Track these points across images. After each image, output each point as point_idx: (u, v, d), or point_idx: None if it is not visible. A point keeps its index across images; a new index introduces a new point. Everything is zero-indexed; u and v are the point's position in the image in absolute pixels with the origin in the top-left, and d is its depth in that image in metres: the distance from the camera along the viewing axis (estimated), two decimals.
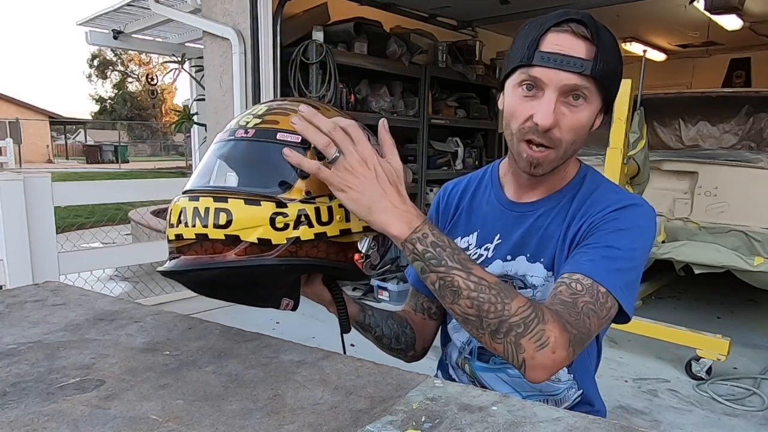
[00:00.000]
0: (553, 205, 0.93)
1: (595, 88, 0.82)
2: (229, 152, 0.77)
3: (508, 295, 0.71)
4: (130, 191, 3.74)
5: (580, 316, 0.74)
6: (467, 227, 1.01)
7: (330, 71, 3.71)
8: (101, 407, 0.60)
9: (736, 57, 6.74)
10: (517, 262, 0.94)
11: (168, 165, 20.83)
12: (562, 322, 0.71)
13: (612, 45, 0.83)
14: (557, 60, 0.80)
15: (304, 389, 0.65)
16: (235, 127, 0.77)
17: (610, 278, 0.78)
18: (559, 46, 0.81)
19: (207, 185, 0.77)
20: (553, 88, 0.81)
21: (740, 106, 3.68)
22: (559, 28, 0.82)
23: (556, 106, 0.81)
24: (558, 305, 0.74)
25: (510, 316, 0.69)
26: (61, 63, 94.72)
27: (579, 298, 0.76)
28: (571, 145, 0.86)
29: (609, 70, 0.82)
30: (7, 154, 14.29)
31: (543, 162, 0.86)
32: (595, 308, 0.76)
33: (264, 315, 3.56)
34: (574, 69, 0.80)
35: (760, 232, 3.01)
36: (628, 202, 0.86)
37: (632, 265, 0.82)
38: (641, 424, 2.23)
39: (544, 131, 0.82)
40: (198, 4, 4.14)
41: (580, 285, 0.77)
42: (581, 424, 0.57)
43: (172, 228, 0.77)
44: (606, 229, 0.83)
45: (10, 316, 0.90)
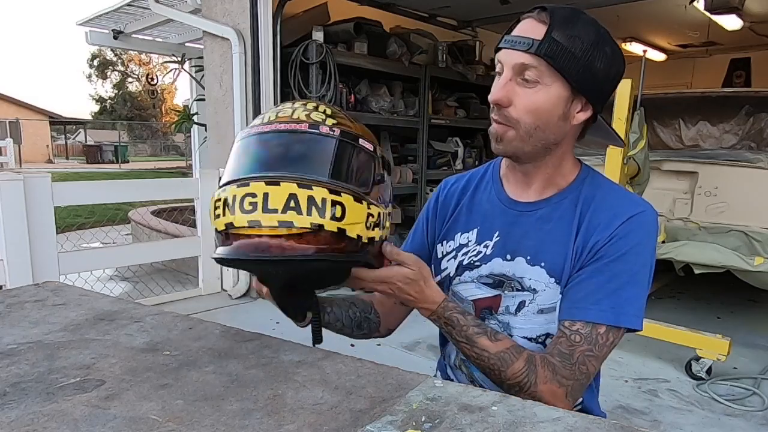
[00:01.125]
0: (554, 208, 0.93)
1: (547, 69, 0.83)
2: (314, 146, 0.74)
3: (505, 363, 0.84)
4: (130, 191, 3.74)
5: (575, 366, 0.83)
6: (467, 223, 1.01)
7: (330, 71, 3.71)
8: (101, 407, 0.60)
9: (736, 57, 6.74)
10: (516, 263, 0.93)
11: (168, 165, 20.83)
12: (557, 380, 0.83)
13: (582, 33, 0.83)
14: (511, 40, 0.86)
15: (304, 389, 0.65)
16: (303, 120, 0.74)
17: (611, 315, 0.84)
18: (519, 29, 0.86)
19: (306, 174, 0.71)
20: (509, 68, 0.86)
21: (740, 106, 3.68)
22: (526, 15, 0.87)
23: (510, 85, 0.86)
24: (556, 357, 0.84)
25: (508, 379, 0.84)
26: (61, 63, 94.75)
27: (576, 348, 0.84)
28: (535, 129, 0.87)
29: (562, 51, 0.82)
30: (7, 154, 14.28)
31: (503, 137, 0.88)
32: (593, 352, 0.84)
33: (264, 315, 3.56)
34: (521, 48, 0.84)
35: (760, 232, 3.01)
36: (630, 213, 0.87)
37: (636, 286, 0.86)
38: (641, 424, 2.23)
39: (497, 107, 0.87)
40: (198, 4, 4.14)
41: (579, 336, 0.84)
42: (581, 424, 0.57)
43: (271, 213, 0.69)
44: (609, 256, 0.86)
45: (10, 316, 0.90)
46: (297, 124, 0.74)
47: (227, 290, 3.97)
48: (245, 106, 3.75)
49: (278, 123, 0.75)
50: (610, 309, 0.84)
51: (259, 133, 0.75)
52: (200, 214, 3.88)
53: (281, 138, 0.74)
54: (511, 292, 0.94)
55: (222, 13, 3.87)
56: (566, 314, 0.87)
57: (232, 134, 3.82)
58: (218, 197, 0.74)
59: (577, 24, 0.84)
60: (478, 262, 0.97)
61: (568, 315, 0.86)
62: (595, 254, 0.87)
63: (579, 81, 0.85)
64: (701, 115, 3.82)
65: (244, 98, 3.74)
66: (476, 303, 0.98)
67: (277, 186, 0.69)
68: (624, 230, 0.86)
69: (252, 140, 0.75)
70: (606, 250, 0.86)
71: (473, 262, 0.98)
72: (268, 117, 0.77)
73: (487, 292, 0.96)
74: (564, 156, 0.93)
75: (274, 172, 0.71)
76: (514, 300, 0.93)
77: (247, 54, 3.70)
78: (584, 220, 0.90)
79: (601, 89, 0.88)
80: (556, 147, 0.90)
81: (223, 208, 0.72)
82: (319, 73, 3.74)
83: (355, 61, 4.04)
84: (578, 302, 0.86)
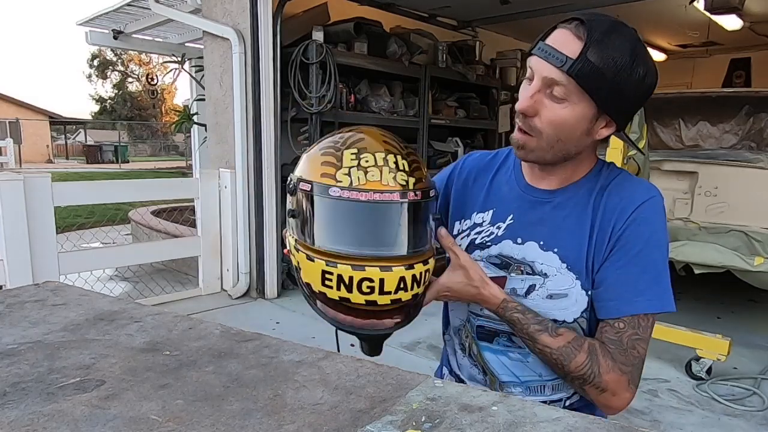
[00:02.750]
0: (570, 196, 0.94)
1: (576, 89, 0.83)
2: (408, 217, 0.82)
3: (568, 357, 0.87)
4: (130, 191, 3.74)
5: (627, 351, 0.86)
6: (485, 204, 1.02)
7: (330, 71, 3.71)
8: (101, 407, 0.60)
9: (736, 57, 6.75)
10: (527, 247, 0.95)
11: (168, 165, 20.82)
12: (618, 367, 0.85)
13: (617, 53, 0.81)
14: (546, 51, 0.84)
15: (304, 389, 0.65)
16: (392, 186, 0.79)
17: (643, 303, 0.87)
18: (555, 40, 0.84)
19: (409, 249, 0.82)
20: (539, 78, 0.85)
21: (740, 106, 3.68)
22: (564, 24, 0.85)
23: (538, 96, 0.85)
24: (609, 345, 0.87)
25: (571, 372, 0.87)
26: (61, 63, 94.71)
27: (623, 335, 0.87)
28: (557, 141, 0.87)
29: (593, 72, 0.81)
30: (7, 154, 14.28)
31: (525, 145, 0.89)
32: (639, 335, 0.87)
33: (264, 315, 3.56)
34: (554, 62, 0.82)
35: (760, 232, 3.01)
36: (643, 198, 0.89)
37: (665, 269, 0.89)
38: (641, 424, 2.23)
39: (522, 115, 0.87)
40: (198, 4, 4.14)
41: (622, 323, 0.87)
42: (581, 424, 0.57)
43: (386, 295, 0.81)
44: (634, 244, 0.88)
45: (10, 316, 0.90)
46: (390, 194, 0.79)
47: (227, 290, 3.97)
48: (245, 106, 3.75)
49: (372, 192, 0.78)
50: (655, 298, 0.87)
51: (357, 201, 0.78)
52: (200, 214, 3.88)
53: (379, 212, 0.80)
54: (519, 275, 0.95)
55: (222, 13, 3.87)
56: (614, 311, 0.88)
57: (232, 134, 3.83)
58: (329, 270, 0.81)
59: (615, 42, 0.82)
60: (489, 243, 0.99)
61: (616, 312, 0.88)
62: (617, 240, 0.89)
63: (607, 102, 0.85)
64: (701, 115, 3.82)
65: (244, 98, 3.74)
66: None
67: (390, 272, 0.80)
68: (641, 215, 0.88)
69: (350, 208, 0.79)
70: (628, 237, 0.88)
71: (485, 241, 1.00)
72: (357, 178, 0.78)
73: (493, 272, 0.98)
74: (584, 159, 0.95)
75: (382, 251, 0.81)
76: (524, 283, 0.95)
77: (247, 54, 3.70)
78: (600, 205, 0.92)
79: (628, 109, 0.88)
80: (577, 155, 0.92)
81: (337, 283, 0.81)
82: (319, 73, 3.74)
83: (355, 61, 4.04)
84: (622, 297, 0.88)
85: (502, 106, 5.66)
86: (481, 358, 1.02)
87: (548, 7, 4.71)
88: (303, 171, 0.85)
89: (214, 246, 3.92)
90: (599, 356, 0.85)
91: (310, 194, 0.81)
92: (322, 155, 0.83)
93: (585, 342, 0.87)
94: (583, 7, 4.53)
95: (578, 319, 0.92)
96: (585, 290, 0.91)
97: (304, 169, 0.85)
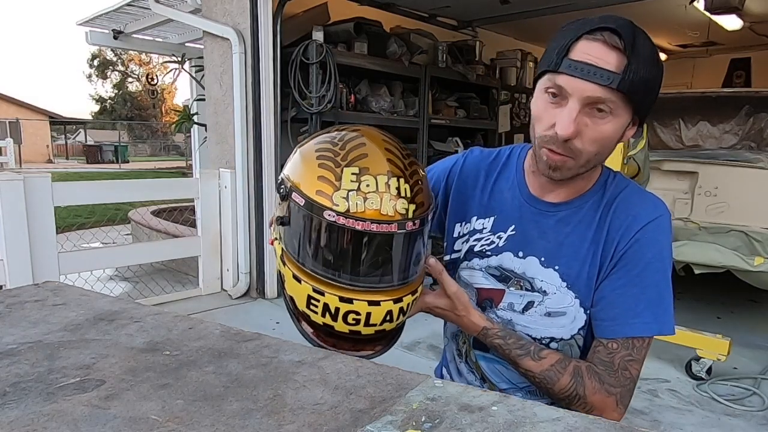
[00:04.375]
0: (574, 211, 0.91)
1: (622, 102, 0.79)
2: (403, 247, 0.78)
3: (551, 381, 0.86)
4: (130, 191, 3.74)
5: (618, 372, 0.84)
6: (487, 209, 0.99)
7: (330, 71, 3.71)
8: (101, 407, 0.60)
9: (736, 57, 6.75)
10: (528, 262, 0.93)
11: (168, 165, 20.82)
12: (605, 389, 0.84)
13: (648, 55, 0.79)
14: (584, 70, 0.77)
15: (304, 389, 0.65)
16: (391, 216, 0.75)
17: (639, 326, 0.85)
18: (588, 55, 0.78)
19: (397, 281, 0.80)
20: (577, 99, 0.79)
21: (740, 106, 3.68)
22: (591, 36, 0.79)
23: (579, 117, 0.80)
24: (599, 366, 0.86)
25: (556, 394, 0.86)
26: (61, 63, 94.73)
27: (615, 355, 0.85)
28: (595, 156, 0.84)
29: (640, 82, 0.78)
30: (7, 154, 14.28)
31: (562, 167, 0.85)
32: (632, 356, 0.85)
33: (264, 315, 3.56)
34: (601, 81, 0.77)
35: (760, 232, 3.01)
36: (649, 217, 0.87)
37: (666, 290, 0.87)
38: (641, 424, 2.23)
39: (563, 141, 0.81)
40: (198, 4, 4.14)
41: (616, 344, 0.86)
42: (581, 424, 0.57)
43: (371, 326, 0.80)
44: (636, 264, 0.86)
45: (10, 316, 0.90)
46: (388, 225, 0.74)
47: (227, 290, 3.97)
48: (245, 106, 3.75)
49: (370, 222, 0.74)
50: (653, 321, 0.85)
51: (353, 229, 0.74)
52: (200, 214, 3.88)
53: (374, 242, 0.76)
54: (518, 290, 0.93)
55: (222, 13, 3.87)
56: (609, 332, 0.86)
57: (232, 134, 3.83)
58: (316, 297, 0.79)
59: (644, 47, 0.79)
60: (489, 252, 0.96)
61: (611, 333, 0.86)
62: (620, 259, 0.87)
63: (643, 108, 0.83)
64: (701, 115, 3.83)
65: (244, 98, 3.74)
66: (480, 291, 0.98)
67: (377, 306, 0.78)
68: (645, 236, 0.86)
69: (344, 235, 0.75)
70: (630, 257, 0.86)
71: (485, 250, 0.97)
72: (355, 204, 0.73)
73: (492, 284, 0.96)
74: (596, 168, 0.92)
75: (372, 283, 0.78)
76: (522, 299, 0.93)
77: (247, 54, 3.70)
78: (605, 223, 0.89)
79: (652, 106, 0.86)
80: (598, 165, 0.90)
81: (323, 311, 0.79)
82: (319, 73, 3.74)
83: (355, 61, 4.04)
84: (619, 318, 0.86)
85: (502, 106, 5.66)
86: (478, 365, 1.01)
87: (548, 7, 4.71)
88: (296, 175, 0.79)
89: (214, 246, 3.92)
90: (584, 378, 0.84)
91: (303, 210, 0.76)
92: (319, 165, 0.76)
93: (570, 364, 0.86)
94: (583, 7, 4.52)
95: (575, 335, 0.91)
96: (584, 308, 0.90)
97: (298, 174, 0.79)
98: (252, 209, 3.86)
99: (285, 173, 0.83)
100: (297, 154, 0.83)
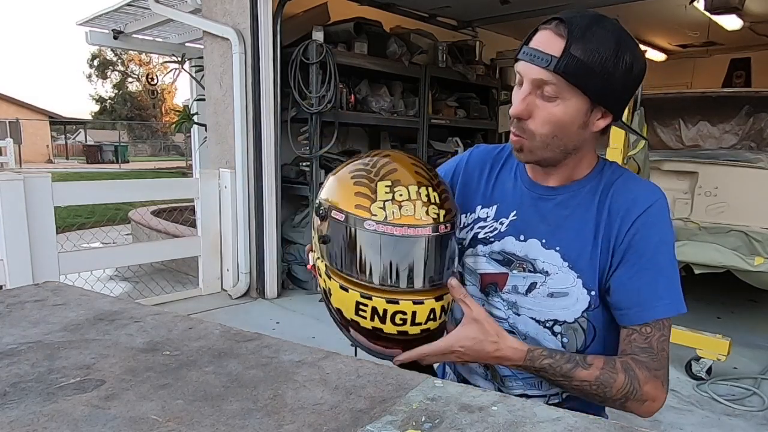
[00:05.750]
0: (572, 195, 0.95)
1: (565, 85, 0.84)
2: (438, 250, 0.85)
3: (608, 383, 0.85)
4: (130, 191, 3.74)
5: (658, 354, 0.88)
6: (490, 199, 1.03)
7: (330, 71, 3.71)
8: (101, 407, 0.60)
9: (736, 57, 6.75)
10: (529, 245, 0.95)
11: (168, 165, 20.81)
12: (652, 375, 0.86)
13: (601, 42, 0.82)
14: (530, 54, 0.86)
15: (304, 389, 0.65)
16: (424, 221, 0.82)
17: (664, 308, 0.89)
18: (537, 41, 0.86)
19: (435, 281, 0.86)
20: (528, 81, 0.87)
21: (740, 106, 3.67)
22: (545, 26, 0.86)
23: (530, 98, 0.87)
24: (641, 355, 0.88)
25: (613, 396, 0.86)
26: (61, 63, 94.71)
27: (651, 339, 0.88)
28: (552, 138, 0.88)
29: (580, 66, 0.82)
30: (7, 154, 14.28)
31: (523, 148, 0.91)
32: (664, 335, 0.89)
33: (264, 315, 3.56)
34: (540, 63, 0.84)
35: (760, 232, 3.01)
36: (649, 201, 0.91)
37: (670, 273, 0.90)
38: (641, 424, 2.22)
39: (516, 120, 0.89)
40: (198, 4, 4.14)
41: (649, 327, 0.88)
42: (581, 424, 0.57)
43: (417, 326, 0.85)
44: (645, 250, 0.89)
45: (10, 316, 0.90)
46: (423, 229, 0.82)
47: (227, 290, 3.97)
48: (245, 106, 3.75)
49: (407, 227, 0.81)
50: (672, 302, 0.89)
51: (392, 236, 0.81)
52: (200, 214, 3.88)
53: (413, 246, 0.83)
54: (520, 273, 0.95)
55: (222, 13, 3.87)
56: (637, 318, 0.89)
57: (232, 134, 3.83)
58: (364, 302, 0.84)
59: (596, 35, 0.83)
60: (492, 238, 0.99)
61: (640, 318, 0.89)
62: (628, 248, 0.89)
63: (598, 94, 0.86)
64: (701, 115, 3.82)
65: (244, 98, 3.74)
66: (483, 277, 1.00)
67: (421, 305, 0.84)
68: (648, 220, 0.90)
69: (385, 242, 0.82)
70: (638, 244, 0.89)
71: (488, 237, 1.00)
72: (392, 212, 0.80)
73: (495, 269, 0.98)
74: (585, 154, 0.95)
75: (415, 284, 0.84)
76: (525, 281, 0.95)
77: (247, 54, 3.70)
78: (604, 206, 0.92)
79: (620, 97, 0.89)
80: (576, 150, 0.92)
81: (371, 314, 0.85)
82: (319, 73, 3.74)
83: (355, 61, 4.04)
84: (644, 303, 0.88)
85: (502, 106, 5.65)
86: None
87: (548, 7, 4.71)
88: (334, 196, 0.86)
89: (214, 246, 3.92)
90: (636, 370, 0.86)
91: (344, 224, 0.83)
92: (355, 183, 0.84)
93: (616, 362, 0.87)
94: (583, 7, 4.52)
95: (579, 319, 0.92)
96: (587, 289, 0.91)
97: (335, 195, 0.86)
98: (252, 209, 3.86)
99: (322, 197, 0.89)
100: (331, 179, 0.90)
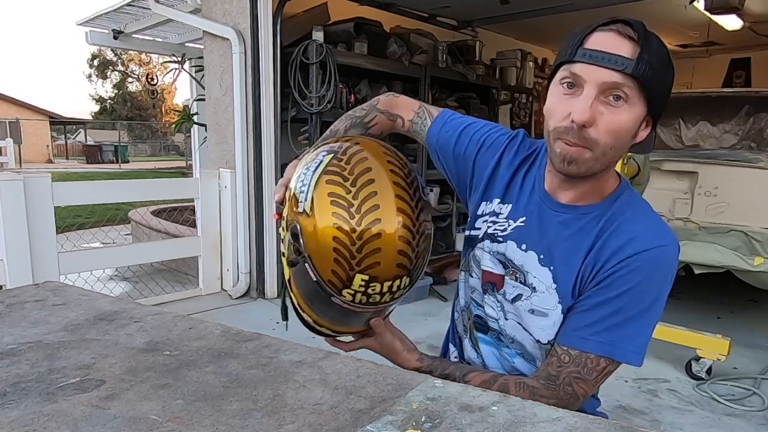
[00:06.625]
0: (578, 217, 0.90)
1: (637, 90, 0.79)
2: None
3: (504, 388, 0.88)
4: (130, 191, 3.74)
5: (560, 387, 0.86)
6: (507, 195, 1.00)
7: (330, 71, 3.71)
8: (101, 407, 0.60)
9: (736, 57, 6.75)
10: (528, 256, 0.94)
11: (168, 165, 20.81)
12: (535, 399, 0.80)
13: (660, 52, 0.81)
14: (598, 56, 0.79)
15: (304, 389, 0.65)
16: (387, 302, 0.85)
17: (591, 344, 0.85)
18: (602, 44, 0.80)
19: None
20: (593, 85, 0.79)
21: (740, 106, 3.67)
22: (605, 27, 0.81)
23: (594, 104, 0.79)
24: (540, 380, 0.88)
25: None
26: (61, 63, 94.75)
27: (563, 369, 0.86)
28: (610, 149, 0.82)
29: (654, 73, 0.79)
30: (7, 154, 14.29)
31: (577, 159, 0.82)
32: (580, 375, 0.86)
33: (264, 315, 3.56)
34: (615, 66, 0.78)
35: (760, 232, 3.01)
36: (647, 245, 0.84)
37: (640, 321, 0.85)
38: (641, 424, 2.23)
39: (579, 127, 0.80)
40: (198, 4, 4.14)
41: (568, 356, 0.87)
42: (581, 424, 0.57)
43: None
44: (617, 288, 0.84)
45: (10, 316, 0.90)
46: (384, 306, 0.87)
47: (227, 290, 3.97)
48: (245, 106, 3.75)
49: (368, 306, 0.85)
50: (608, 342, 0.84)
51: (352, 312, 0.87)
52: (200, 214, 3.88)
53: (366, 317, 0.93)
54: (512, 280, 0.95)
55: (222, 13, 3.87)
56: (564, 339, 0.87)
57: (232, 134, 3.83)
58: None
59: (655, 41, 0.81)
60: (500, 238, 0.98)
61: (566, 341, 0.87)
62: (603, 280, 0.85)
63: (656, 102, 0.83)
64: (701, 115, 3.82)
65: (244, 98, 3.74)
66: (485, 273, 1.00)
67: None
68: (636, 262, 0.83)
69: (343, 309, 0.86)
70: (613, 280, 0.84)
71: (497, 234, 0.99)
72: (359, 300, 0.82)
73: (496, 269, 0.98)
74: (611, 170, 0.90)
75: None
76: (514, 290, 0.95)
77: (247, 54, 3.70)
78: (601, 238, 0.87)
79: (664, 106, 0.86)
80: (611, 165, 0.88)
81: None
82: (319, 73, 3.74)
83: (355, 61, 4.04)
84: (578, 330, 0.86)
85: (502, 106, 5.65)
86: (478, 345, 1.04)
87: (548, 7, 4.71)
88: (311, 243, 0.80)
89: (214, 246, 3.92)
90: (511, 390, 0.88)
91: (313, 281, 0.83)
92: (334, 248, 0.77)
93: (498, 380, 0.91)
94: (583, 7, 4.53)
95: (552, 341, 0.91)
96: (564, 315, 0.90)
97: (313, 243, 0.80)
98: (252, 209, 3.86)
99: (297, 222, 0.83)
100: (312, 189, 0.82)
